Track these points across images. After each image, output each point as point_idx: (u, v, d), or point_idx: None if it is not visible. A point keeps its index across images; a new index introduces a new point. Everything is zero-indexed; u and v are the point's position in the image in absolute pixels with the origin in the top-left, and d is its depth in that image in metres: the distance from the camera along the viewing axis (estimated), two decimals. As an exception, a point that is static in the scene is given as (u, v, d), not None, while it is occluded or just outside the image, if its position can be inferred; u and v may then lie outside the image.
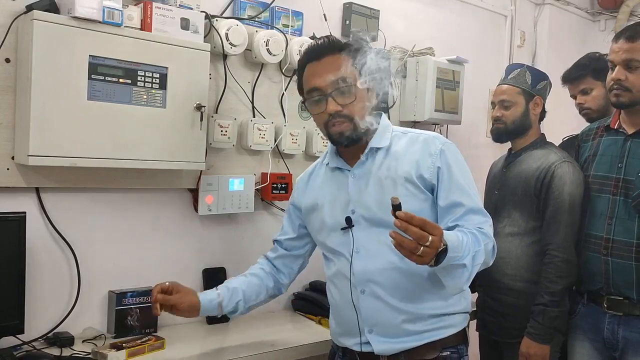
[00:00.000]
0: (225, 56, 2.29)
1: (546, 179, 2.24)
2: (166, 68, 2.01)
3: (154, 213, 2.24)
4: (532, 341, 2.17)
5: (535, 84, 2.37)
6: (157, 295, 1.75)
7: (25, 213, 1.84)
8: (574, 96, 2.61)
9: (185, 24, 2.07)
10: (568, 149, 2.42)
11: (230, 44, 2.24)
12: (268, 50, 2.33)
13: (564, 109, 2.94)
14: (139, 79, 1.96)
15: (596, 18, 4.13)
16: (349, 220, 1.72)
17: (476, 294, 2.47)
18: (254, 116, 2.43)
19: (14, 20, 1.85)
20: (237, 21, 2.26)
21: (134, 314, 2.10)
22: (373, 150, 1.73)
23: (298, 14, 2.54)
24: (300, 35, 2.52)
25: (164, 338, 2.01)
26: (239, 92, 2.39)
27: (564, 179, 2.21)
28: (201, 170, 2.24)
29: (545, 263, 2.20)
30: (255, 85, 2.43)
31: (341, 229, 1.74)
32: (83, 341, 1.99)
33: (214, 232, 2.40)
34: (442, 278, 1.58)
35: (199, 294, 1.83)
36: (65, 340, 1.94)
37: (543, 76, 2.42)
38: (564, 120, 2.97)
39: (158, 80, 2.00)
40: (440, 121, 3.03)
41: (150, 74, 1.98)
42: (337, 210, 1.76)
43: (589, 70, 2.50)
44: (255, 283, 1.91)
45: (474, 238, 1.59)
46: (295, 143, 2.51)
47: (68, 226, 2.03)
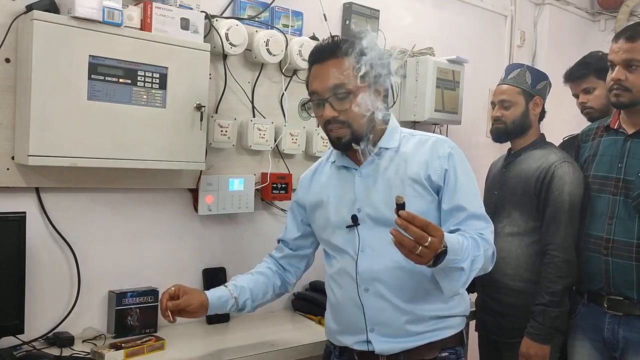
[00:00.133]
0: (225, 56, 2.29)
1: (546, 179, 2.24)
2: (166, 68, 2.01)
3: (154, 213, 2.24)
4: (532, 341, 2.17)
5: (535, 84, 2.37)
6: (167, 304, 1.71)
7: (25, 213, 1.84)
8: (576, 95, 2.60)
9: (185, 24, 2.07)
10: (568, 148, 2.42)
11: (230, 44, 2.24)
12: (268, 50, 2.33)
13: (564, 109, 2.94)
14: (139, 79, 1.96)
15: (596, 18, 4.13)
16: (355, 219, 1.72)
17: (476, 294, 2.47)
18: (254, 116, 2.43)
19: (14, 20, 1.85)
20: (237, 21, 2.26)
21: (134, 314, 2.10)
22: (382, 151, 1.73)
23: (298, 14, 2.54)
24: (300, 35, 2.52)
25: (164, 339, 2.00)
26: (239, 92, 2.39)
27: (564, 179, 2.21)
28: (201, 170, 2.24)
29: (545, 263, 2.20)
30: (255, 85, 2.43)
31: (347, 227, 1.74)
32: (83, 341, 1.99)
33: (214, 232, 2.40)
34: (440, 280, 1.60)
35: (207, 293, 1.80)
36: (65, 340, 1.94)
37: (543, 76, 2.42)
38: (564, 120, 2.97)
39: (158, 80, 2.00)
40: (440, 121, 3.04)
41: (150, 74, 1.98)
42: (343, 208, 1.76)
43: (592, 70, 2.50)
44: (262, 281, 1.90)
45: (475, 243, 1.60)
46: (295, 143, 2.51)
47: (68, 226, 2.03)
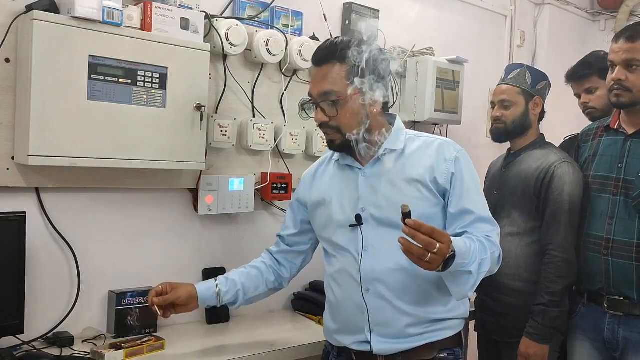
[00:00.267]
0: (225, 56, 2.29)
1: (546, 179, 2.24)
2: (166, 68, 2.01)
3: (154, 213, 2.24)
4: (532, 341, 2.17)
5: (535, 84, 2.37)
6: (153, 299, 1.78)
7: (25, 213, 1.84)
8: (578, 95, 2.60)
9: (185, 24, 2.07)
10: (569, 148, 2.42)
11: (230, 44, 2.23)
12: (268, 50, 2.33)
13: (564, 109, 2.94)
14: (139, 79, 1.96)
15: (596, 18, 4.12)
16: (358, 218, 1.72)
17: (475, 294, 2.47)
18: (254, 116, 2.42)
19: (14, 20, 1.85)
20: (237, 21, 2.26)
21: (134, 314, 2.10)
22: (387, 152, 1.74)
23: (298, 14, 2.54)
24: (300, 35, 2.52)
25: (164, 339, 2.00)
26: (239, 92, 2.39)
27: (564, 179, 2.21)
28: (201, 170, 2.24)
29: (545, 263, 2.20)
30: (255, 85, 2.43)
31: (350, 226, 1.74)
32: (83, 341, 1.99)
33: (214, 232, 2.40)
34: (448, 284, 1.61)
35: (196, 285, 1.84)
36: (65, 340, 1.94)
37: (543, 76, 2.41)
38: (564, 120, 2.97)
39: (158, 80, 2.00)
40: (440, 121, 3.03)
41: (150, 74, 1.98)
42: (347, 207, 1.76)
43: (595, 70, 2.48)
44: (254, 275, 1.92)
45: (482, 246, 1.61)
46: (295, 143, 2.51)
47: (68, 226, 2.03)
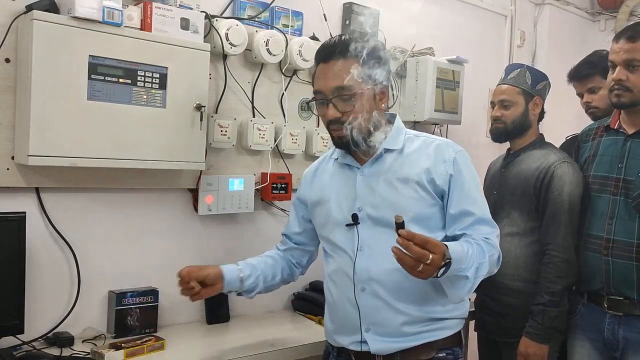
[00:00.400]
0: (225, 56, 2.28)
1: (546, 179, 2.24)
2: (166, 68, 2.01)
3: (154, 213, 2.24)
4: (531, 341, 2.17)
5: (535, 84, 2.37)
6: (190, 274, 1.72)
7: (25, 213, 1.84)
8: (580, 94, 2.58)
9: (185, 24, 2.07)
10: (570, 148, 2.41)
11: (230, 44, 2.23)
12: (268, 50, 2.33)
13: (564, 109, 2.94)
14: (138, 79, 1.96)
15: (596, 18, 4.12)
16: (355, 217, 1.72)
17: (475, 294, 2.47)
18: (254, 116, 2.42)
19: (14, 20, 1.85)
20: (237, 21, 2.26)
21: (134, 314, 2.10)
22: (386, 151, 1.73)
23: (298, 14, 2.54)
24: (300, 35, 2.52)
25: (164, 339, 2.01)
26: (239, 92, 2.39)
27: (564, 179, 2.21)
28: (201, 170, 2.24)
29: (544, 263, 2.20)
30: (255, 85, 2.43)
31: (346, 225, 1.74)
32: (83, 341, 1.99)
33: (214, 232, 2.40)
34: (445, 287, 1.62)
35: (221, 266, 1.81)
36: (65, 340, 1.94)
37: (543, 76, 2.41)
38: (564, 120, 2.97)
39: (158, 80, 2.00)
40: (440, 121, 3.03)
41: (150, 74, 1.98)
42: (344, 206, 1.76)
43: (599, 69, 2.46)
44: (270, 263, 1.92)
45: (480, 249, 1.62)
46: (295, 143, 2.51)
47: (68, 226, 2.03)
